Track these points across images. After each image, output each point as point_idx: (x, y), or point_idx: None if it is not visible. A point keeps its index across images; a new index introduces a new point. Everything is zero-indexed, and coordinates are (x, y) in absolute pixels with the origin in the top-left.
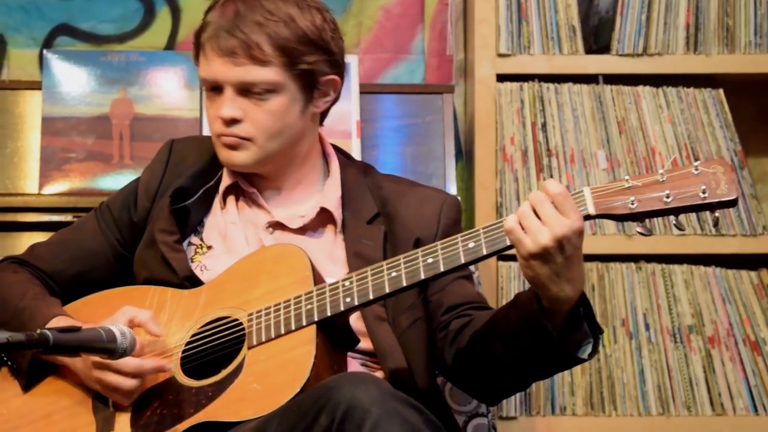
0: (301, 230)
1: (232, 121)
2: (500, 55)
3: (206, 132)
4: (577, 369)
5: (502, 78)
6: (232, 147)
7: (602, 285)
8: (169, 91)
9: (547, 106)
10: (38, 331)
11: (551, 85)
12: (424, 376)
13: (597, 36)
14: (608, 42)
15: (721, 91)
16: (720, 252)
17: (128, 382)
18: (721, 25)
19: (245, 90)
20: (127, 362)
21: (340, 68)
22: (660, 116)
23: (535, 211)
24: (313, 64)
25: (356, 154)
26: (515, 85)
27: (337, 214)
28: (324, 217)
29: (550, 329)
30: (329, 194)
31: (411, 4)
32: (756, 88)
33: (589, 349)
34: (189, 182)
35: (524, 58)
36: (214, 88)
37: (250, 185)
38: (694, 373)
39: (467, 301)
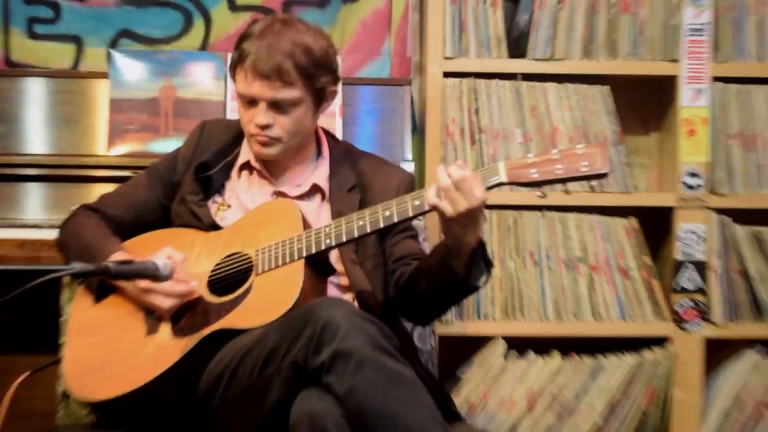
0: (298, 197)
1: (265, 126)
2: (446, 58)
3: (229, 112)
4: (497, 287)
5: (447, 75)
6: (265, 144)
7: (517, 227)
8: (202, 81)
9: (479, 96)
10: (103, 263)
11: (483, 81)
12: (382, 301)
13: (517, 45)
14: (525, 50)
15: (607, 87)
16: (602, 204)
17: (166, 302)
18: (607, 38)
19: (275, 104)
20: (164, 287)
21: (339, 81)
22: (561, 105)
23: (455, 185)
24: (325, 83)
25: (339, 130)
26: (457, 80)
27: (326, 187)
28: (315, 189)
29: (456, 266)
30: (320, 172)
31: (381, 18)
32: (632, 85)
33: (485, 279)
34: (211, 158)
35: (464, 60)
36: (251, 102)
37: (260, 164)
38: (580, 291)
39: (411, 254)
